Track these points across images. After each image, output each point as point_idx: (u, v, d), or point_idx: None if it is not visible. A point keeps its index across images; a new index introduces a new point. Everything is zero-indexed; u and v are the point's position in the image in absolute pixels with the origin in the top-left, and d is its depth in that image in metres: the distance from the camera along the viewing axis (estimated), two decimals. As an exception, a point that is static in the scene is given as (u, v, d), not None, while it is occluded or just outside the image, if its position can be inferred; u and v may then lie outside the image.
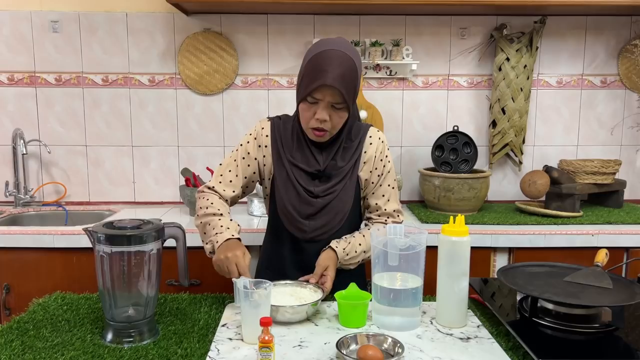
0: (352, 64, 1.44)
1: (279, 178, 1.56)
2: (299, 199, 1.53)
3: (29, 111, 2.66)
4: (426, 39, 2.69)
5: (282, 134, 1.57)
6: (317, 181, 1.54)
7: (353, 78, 1.44)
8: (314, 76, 1.42)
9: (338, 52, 1.42)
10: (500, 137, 2.68)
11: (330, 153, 1.55)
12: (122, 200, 2.74)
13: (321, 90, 1.42)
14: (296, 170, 1.54)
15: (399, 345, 1.16)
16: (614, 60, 2.74)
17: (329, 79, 1.39)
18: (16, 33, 2.60)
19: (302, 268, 1.54)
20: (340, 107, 1.45)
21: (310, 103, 1.45)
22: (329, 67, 1.40)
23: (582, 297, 1.27)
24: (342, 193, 1.55)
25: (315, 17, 2.64)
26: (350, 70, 1.43)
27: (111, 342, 1.22)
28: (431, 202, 2.52)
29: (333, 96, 1.42)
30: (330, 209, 1.55)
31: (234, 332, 1.28)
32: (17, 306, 2.13)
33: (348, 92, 1.43)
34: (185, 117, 2.70)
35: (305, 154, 1.55)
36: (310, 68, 1.44)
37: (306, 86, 1.44)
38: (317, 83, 1.40)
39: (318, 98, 1.43)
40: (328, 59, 1.41)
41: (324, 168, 1.53)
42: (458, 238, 1.29)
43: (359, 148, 1.58)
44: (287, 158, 1.55)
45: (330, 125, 1.46)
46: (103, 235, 1.19)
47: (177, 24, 2.63)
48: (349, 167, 1.55)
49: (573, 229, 2.23)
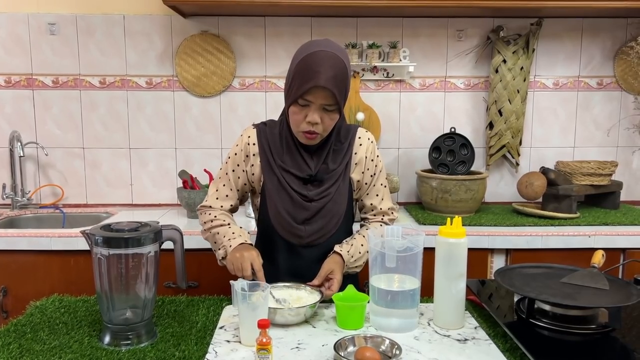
0: (343, 66, 1.41)
1: (270, 185, 1.53)
2: (293, 204, 1.52)
3: (26, 113, 2.66)
4: (423, 41, 2.69)
5: (269, 140, 1.55)
6: (309, 185, 1.52)
7: (344, 79, 1.42)
8: (305, 78, 1.39)
9: (329, 53, 1.40)
10: (497, 138, 2.69)
11: (321, 156, 1.53)
12: (119, 202, 2.74)
13: (313, 92, 1.39)
14: (288, 175, 1.52)
15: (397, 347, 1.16)
16: (610, 62, 2.75)
17: (322, 81, 1.37)
18: (13, 35, 2.60)
19: (297, 275, 1.51)
20: (332, 109, 1.43)
21: (301, 106, 1.43)
22: (321, 68, 1.37)
23: (578, 299, 1.27)
24: (336, 195, 1.54)
25: (312, 20, 2.64)
26: (342, 72, 1.41)
27: (109, 344, 1.22)
28: (428, 203, 2.52)
29: (325, 98, 1.40)
30: (326, 213, 1.53)
31: (232, 334, 1.28)
32: (14, 309, 2.13)
33: (340, 94, 1.41)
34: (183, 119, 2.70)
35: (296, 159, 1.52)
36: (301, 69, 1.41)
37: (297, 88, 1.41)
38: (310, 84, 1.38)
39: (310, 100, 1.41)
40: (319, 60, 1.38)
41: (316, 172, 1.51)
42: (455, 240, 1.29)
43: (349, 150, 1.56)
44: (277, 164, 1.53)
45: (321, 128, 1.45)
46: (101, 237, 1.19)
47: (175, 26, 2.63)
48: (341, 170, 1.54)
49: (570, 230, 2.24)
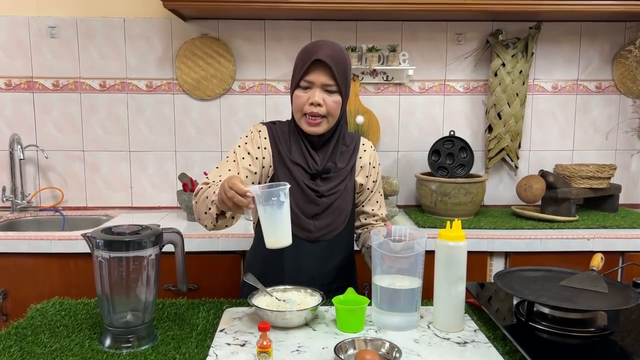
0: (341, 50, 1.51)
1: (282, 177, 1.54)
2: (305, 198, 1.54)
3: (26, 116, 2.66)
4: (422, 45, 2.70)
5: (279, 135, 1.58)
6: (318, 181, 1.55)
7: (343, 60, 1.49)
8: (305, 59, 1.48)
9: (327, 41, 1.52)
10: (496, 141, 2.69)
11: (326, 154, 1.57)
12: (119, 205, 2.74)
13: (313, 70, 1.46)
14: (298, 168, 1.55)
15: (397, 349, 1.16)
16: (609, 66, 2.76)
17: (320, 55, 1.45)
18: (14, 38, 2.61)
19: (302, 273, 1.53)
20: (334, 90, 1.49)
21: (303, 88, 1.49)
22: (320, 48, 1.47)
23: (577, 302, 1.28)
24: (344, 193, 1.58)
25: (312, 23, 2.65)
26: (340, 54, 1.49)
27: (109, 347, 1.22)
28: (428, 206, 2.53)
29: (325, 76, 1.46)
30: (335, 209, 1.56)
31: (232, 337, 1.29)
32: (14, 312, 2.13)
33: (339, 74, 1.48)
34: (183, 122, 2.70)
35: (303, 154, 1.56)
36: (301, 56, 1.51)
37: (299, 71, 1.49)
38: (309, 61, 1.46)
39: (311, 80, 1.48)
40: (319, 44, 1.49)
41: (322, 168, 1.55)
42: (455, 243, 1.30)
43: (354, 153, 1.62)
44: (288, 157, 1.55)
45: (324, 109, 1.49)
46: (102, 240, 1.19)
47: (175, 30, 2.64)
48: (348, 170, 1.59)
49: (569, 233, 2.24)
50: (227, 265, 2.21)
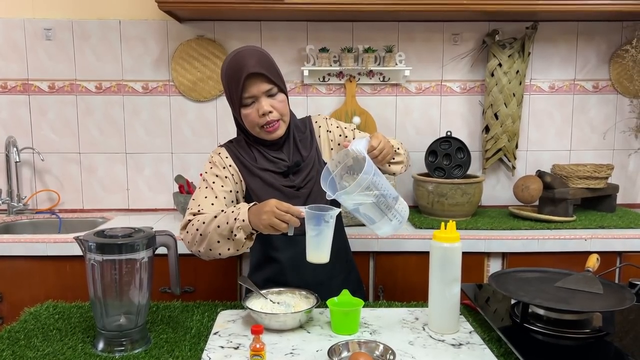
0: (260, 51, 1.53)
1: (254, 186, 1.57)
2: (284, 196, 1.54)
3: (22, 119, 2.66)
4: (419, 45, 2.70)
5: (239, 150, 1.61)
6: (291, 176, 1.59)
7: (267, 59, 1.52)
8: (236, 77, 1.49)
9: (246, 49, 1.52)
10: (493, 142, 2.69)
11: (289, 149, 1.60)
12: (115, 207, 2.73)
13: (250, 84, 1.48)
14: (268, 173, 1.58)
15: (391, 352, 1.16)
16: (606, 65, 2.76)
17: (250, 68, 1.47)
18: (9, 41, 2.60)
19: (301, 266, 1.48)
20: (275, 92, 1.52)
21: (248, 105, 1.51)
22: (245, 61, 1.48)
23: (572, 303, 1.27)
24: (318, 178, 1.54)
25: (308, 24, 2.65)
26: (264, 56, 1.52)
27: (102, 351, 1.22)
28: (425, 207, 2.52)
29: (263, 84, 1.49)
30: (316, 194, 1.58)
31: (226, 339, 1.28)
32: (9, 315, 2.12)
33: (272, 74, 1.50)
34: (179, 124, 2.70)
35: (269, 159, 1.59)
36: (229, 74, 1.51)
37: (235, 90, 1.50)
38: (242, 78, 1.47)
39: (253, 94, 1.49)
40: (239, 57, 1.50)
41: (292, 163, 1.58)
42: (449, 244, 1.30)
43: (313, 136, 1.66)
44: (255, 166, 1.58)
45: (276, 113, 1.52)
46: (94, 243, 1.19)
47: (170, 31, 2.63)
48: (314, 155, 1.63)
49: (566, 234, 2.24)
50: (223, 267, 2.20)
